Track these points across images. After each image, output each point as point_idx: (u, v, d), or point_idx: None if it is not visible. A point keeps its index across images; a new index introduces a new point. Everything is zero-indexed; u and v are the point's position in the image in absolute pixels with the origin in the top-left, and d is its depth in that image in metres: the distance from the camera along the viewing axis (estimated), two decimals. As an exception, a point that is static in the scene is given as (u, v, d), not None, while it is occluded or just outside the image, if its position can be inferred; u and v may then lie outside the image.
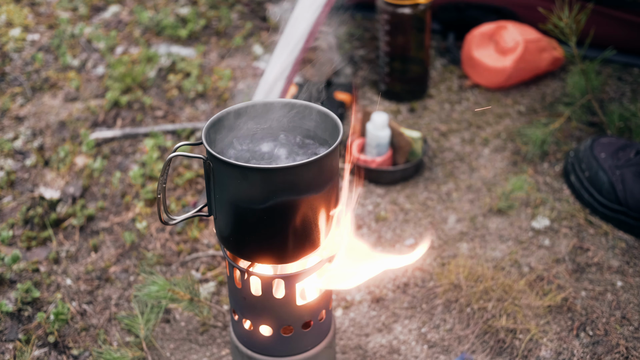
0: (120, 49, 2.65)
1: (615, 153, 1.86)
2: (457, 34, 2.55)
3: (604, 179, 1.82)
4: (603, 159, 1.85)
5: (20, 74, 2.53)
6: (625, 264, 1.74)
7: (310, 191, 1.18)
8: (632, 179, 1.78)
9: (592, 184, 1.85)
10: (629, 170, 1.80)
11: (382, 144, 2.01)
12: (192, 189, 2.02)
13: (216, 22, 2.80)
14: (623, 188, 1.77)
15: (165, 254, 1.83)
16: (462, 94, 2.36)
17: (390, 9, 2.20)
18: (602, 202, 1.83)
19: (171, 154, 1.21)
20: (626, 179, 1.79)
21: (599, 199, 1.84)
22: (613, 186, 1.80)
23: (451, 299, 1.67)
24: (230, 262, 1.28)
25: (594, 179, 1.85)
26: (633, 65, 2.42)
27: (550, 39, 2.35)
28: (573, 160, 1.94)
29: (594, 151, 1.88)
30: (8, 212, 1.96)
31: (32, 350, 1.59)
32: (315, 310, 1.32)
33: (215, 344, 1.61)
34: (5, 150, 2.17)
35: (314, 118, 1.28)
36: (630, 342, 1.56)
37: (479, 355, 1.56)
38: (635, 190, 1.76)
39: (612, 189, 1.80)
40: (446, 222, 1.89)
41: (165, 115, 2.32)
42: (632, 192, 1.76)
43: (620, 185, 1.78)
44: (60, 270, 1.79)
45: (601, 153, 1.87)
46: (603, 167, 1.83)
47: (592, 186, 1.85)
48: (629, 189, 1.77)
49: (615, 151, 1.86)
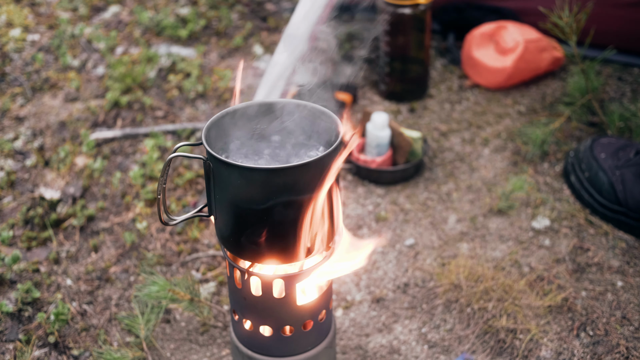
0: (120, 49, 2.65)
1: (615, 153, 1.85)
2: (457, 34, 2.55)
3: (604, 179, 1.82)
4: (603, 159, 1.84)
5: (20, 74, 2.53)
6: (626, 264, 1.74)
7: (310, 191, 1.18)
8: (632, 179, 1.78)
9: (592, 184, 1.85)
10: (629, 170, 1.79)
11: (382, 144, 2.01)
12: (192, 189, 2.02)
13: (216, 22, 2.80)
14: (623, 188, 1.77)
15: (166, 254, 1.83)
16: (462, 94, 2.36)
17: (391, 9, 2.20)
18: (602, 203, 1.82)
19: (171, 155, 1.21)
20: (626, 179, 1.78)
21: (599, 200, 1.83)
22: (613, 187, 1.79)
23: (451, 299, 1.67)
24: (231, 262, 1.28)
25: (594, 179, 1.84)
26: (633, 65, 2.41)
27: (551, 38, 2.35)
28: (573, 160, 1.93)
29: (594, 151, 1.87)
30: (8, 212, 1.96)
31: (33, 350, 1.59)
32: (316, 311, 1.32)
33: (215, 344, 1.61)
34: (6, 151, 2.17)
35: (314, 118, 1.28)
36: (630, 342, 1.56)
37: (479, 355, 1.56)
38: (635, 190, 1.76)
39: (612, 189, 1.79)
40: (446, 222, 1.89)
41: (166, 115, 2.32)
42: (632, 193, 1.76)
43: (620, 186, 1.77)
44: (61, 270, 1.79)
45: (601, 153, 1.86)
46: (603, 167, 1.82)
47: (592, 187, 1.85)
48: (629, 189, 1.76)
49: (615, 151, 1.86)
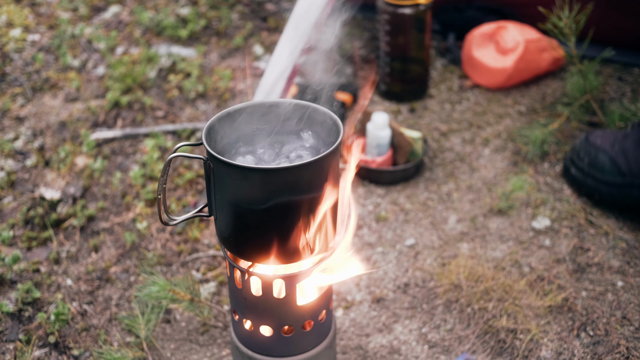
0: (120, 49, 2.65)
1: (610, 136, 1.87)
2: (458, 34, 2.55)
3: (605, 158, 1.82)
4: (600, 143, 1.84)
5: (20, 74, 2.53)
6: (626, 264, 1.74)
7: (310, 191, 1.18)
8: (633, 147, 1.76)
9: (594, 166, 1.84)
10: (628, 140, 1.78)
11: (383, 144, 2.01)
12: (192, 189, 2.02)
13: (216, 22, 2.80)
14: (625, 158, 1.75)
15: (166, 254, 1.83)
16: (462, 94, 2.36)
17: (391, 9, 2.20)
18: (607, 180, 1.81)
19: (171, 155, 1.21)
20: (627, 149, 1.77)
21: (603, 179, 1.82)
22: (615, 161, 1.78)
23: (452, 299, 1.67)
24: (231, 262, 1.28)
25: (595, 162, 1.84)
26: (633, 65, 2.41)
27: (551, 38, 2.35)
28: (571, 155, 1.95)
29: (590, 140, 1.88)
30: (8, 212, 1.96)
31: (33, 350, 1.59)
32: (316, 311, 1.32)
33: (215, 344, 1.61)
34: (6, 151, 2.18)
35: (315, 118, 1.28)
36: (630, 342, 1.56)
37: (480, 355, 1.56)
38: (639, 155, 1.74)
39: (614, 164, 1.79)
40: (447, 222, 1.89)
41: (166, 115, 2.32)
42: (636, 159, 1.74)
43: (622, 157, 1.76)
44: (61, 270, 1.79)
45: (597, 139, 1.87)
46: (602, 148, 1.82)
47: (594, 169, 1.84)
48: (631, 157, 1.75)
49: (609, 135, 1.88)
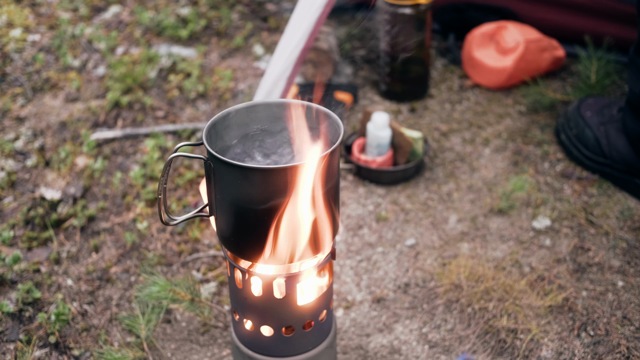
0: (120, 49, 2.65)
1: (600, 111, 1.99)
2: (458, 34, 2.55)
3: (590, 135, 1.97)
4: (589, 117, 1.98)
5: (21, 74, 2.53)
6: (626, 264, 1.74)
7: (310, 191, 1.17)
8: (615, 134, 1.92)
9: (580, 140, 2.00)
10: (612, 126, 1.93)
11: (383, 144, 2.01)
12: (192, 189, 2.02)
13: (217, 22, 2.80)
14: (607, 142, 1.92)
15: (166, 254, 1.83)
16: (462, 94, 2.36)
17: (391, 9, 2.20)
18: (589, 157, 1.98)
19: (172, 155, 1.21)
20: (610, 134, 1.92)
21: (586, 154, 1.98)
22: (598, 141, 1.95)
23: (452, 299, 1.67)
24: (231, 262, 1.28)
25: (581, 136, 2.00)
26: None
27: (551, 39, 2.35)
28: (562, 120, 2.08)
29: (580, 110, 2.02)
30: (9, 212, 1.96)
31: (33, 350, 1.59)
32: (316, 311, 1.32)
33: (216, 345, 1.61)
34: (6, 151, 2.18)
35: (315, 118, 1.28)
36: (631, 342, 1.56)
37: (480, 355, 1.56)
38: (619, 144, 1.90)
39: (597, 144, 1.95)
40: (447, 222, 1.89)
41: (166, 115, 2.32)
42: (616, 146, 1.90)
43: (605, 140, 1.92)
44: (61, 270, 1.79)
45: (587, 112, 2.01)
46: (589, 124, 1.97)
47: (579, 142, 2.00)
48: (612, 143, 1.91)
49: (600, 109, 2.00)
